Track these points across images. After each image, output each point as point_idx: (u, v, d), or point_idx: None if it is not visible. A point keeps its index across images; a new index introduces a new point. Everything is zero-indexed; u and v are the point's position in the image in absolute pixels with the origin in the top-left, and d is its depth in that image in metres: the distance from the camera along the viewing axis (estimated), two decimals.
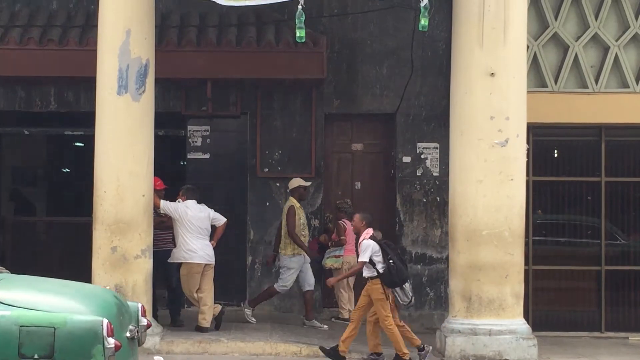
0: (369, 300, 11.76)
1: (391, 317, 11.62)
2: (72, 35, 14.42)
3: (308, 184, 14.20)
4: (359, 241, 11.90)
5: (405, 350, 11.64)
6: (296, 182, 14.04)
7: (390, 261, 11.58)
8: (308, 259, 14.04)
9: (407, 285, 11.75)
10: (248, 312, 14.07)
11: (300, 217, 13.91)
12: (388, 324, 11.57)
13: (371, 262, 11.63)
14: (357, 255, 12.37)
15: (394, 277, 11.59)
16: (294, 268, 13.91)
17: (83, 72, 13.31)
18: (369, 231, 11.82)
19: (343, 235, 14.47)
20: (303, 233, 13.90)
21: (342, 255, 14.51)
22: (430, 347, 12.00)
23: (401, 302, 11.88)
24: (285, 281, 13.96)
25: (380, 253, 11.61)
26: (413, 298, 11.97)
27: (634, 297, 14.99)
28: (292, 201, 13.94)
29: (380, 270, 11.58)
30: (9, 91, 15.07)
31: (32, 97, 15.10)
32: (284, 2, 11.54)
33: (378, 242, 11.72)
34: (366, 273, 11.75)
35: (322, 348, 12.05)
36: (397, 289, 11.69)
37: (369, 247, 11.63)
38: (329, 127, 15.37)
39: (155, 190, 12.92)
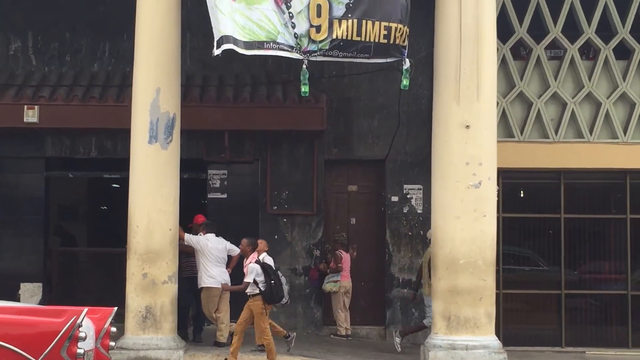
0: (251, 314, 11.90)
1: (269, 330, 11.78)
2: (110, 93, 14.48)
3: None
4: (245, 264, 12.06)
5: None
6: None
7: (272, 282, 11.80)
8: None
9: (283, 300, 12.16)
10: (397, 340, 13.42)
11: None
12: (266, 335, 11.76)
13: (255, 282, 11.82)
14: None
15: (274, 295, 11.87)
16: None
17: (119, 125, 13.32)
18: (254, 255, 12.07)
19: (340, 263, 14.41)
20: None
21: (339, 280, 14.45)
22: (295, 334, 12.38)
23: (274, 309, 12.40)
24: (430, 317, 13.33)
25: (262, 274, 11.80)
26: (288, 300, 12.42)
27: (589, 316, 14.94)
28: None
29: (262, 289, 11.75)
30: (57, 140, 15.09)
31: (76, 145, 15.13)
32: (290, 57, 11.50)
33: (261, 264, 11.87)
34: (249, 290, 11.91)
35: None
36: None
37: (254, 270, 11.85)
38: (328, 171, 15.34)
39: (199, 224, 13.42)
